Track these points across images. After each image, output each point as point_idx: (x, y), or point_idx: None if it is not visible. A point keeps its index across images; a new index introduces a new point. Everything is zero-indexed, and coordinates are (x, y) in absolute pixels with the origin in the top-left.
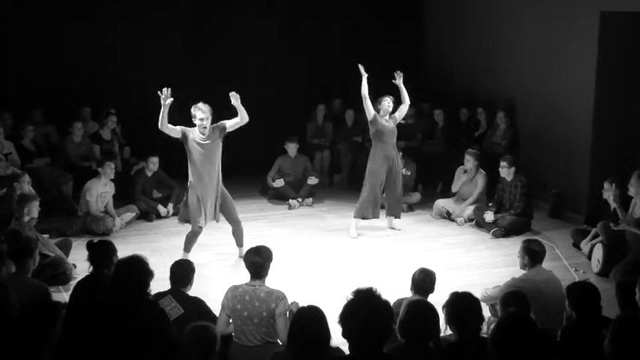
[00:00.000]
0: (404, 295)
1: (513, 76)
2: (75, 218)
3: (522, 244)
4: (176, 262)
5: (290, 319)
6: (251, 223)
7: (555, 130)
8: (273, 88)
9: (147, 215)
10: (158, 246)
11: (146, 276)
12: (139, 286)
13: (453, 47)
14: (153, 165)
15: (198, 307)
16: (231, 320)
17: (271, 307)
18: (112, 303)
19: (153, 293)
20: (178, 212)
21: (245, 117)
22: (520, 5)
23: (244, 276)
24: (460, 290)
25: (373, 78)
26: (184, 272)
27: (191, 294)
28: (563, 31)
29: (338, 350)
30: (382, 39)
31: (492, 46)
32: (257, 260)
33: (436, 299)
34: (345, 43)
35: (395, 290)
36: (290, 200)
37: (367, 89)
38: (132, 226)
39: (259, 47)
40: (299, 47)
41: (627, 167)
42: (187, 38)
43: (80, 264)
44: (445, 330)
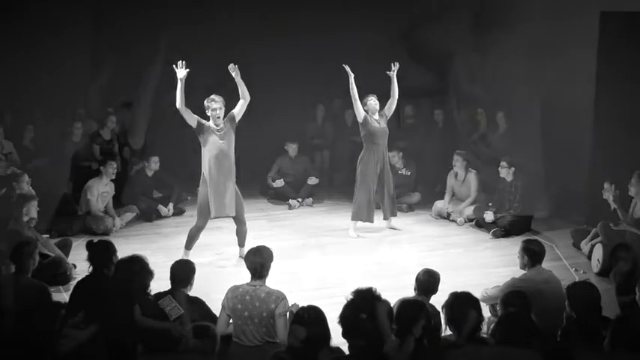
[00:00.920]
0: (404, 295)
1: (513, 76)
2: (75, 218)
3: (522, 244)
4: (176, 262)
5: (290, 320)
6: (251, 223)
7: (555, 130)
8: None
9: (147, 215)
10: (158, 246)
11: (146, 276)
12: (139, 286)
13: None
14: (154, 164)
15: (198, 307)
16: (231, 320)
17: (271, 308)
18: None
19: (153, 293)
20: (179, 212)
21: (247, 94)
22: (520, 5)
23: (245, 276)
24: (460, 290)
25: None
26: (184, 272)
27: (191, 294)
28: (563, 31)
29: (338, 350)
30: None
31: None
32: (258, 260)
33: (436, 299)
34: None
35: (395, 290)
36: (290, 200)
37: (356, 89)
38: (132, 226)
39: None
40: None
41: (627, 167)
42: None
43: (80, 264)
44: (445, 330)
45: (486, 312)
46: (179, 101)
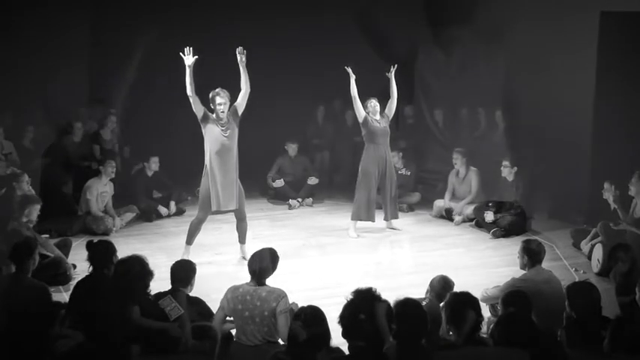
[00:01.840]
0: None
1: (513, 76)
2: (75, 218)
3: (522, 244)
4: (176, 262)
5: (291, 318)
6: (251, 223)
7: (555, 130)
8: (273, 88)
9: (147, 215)
10: (158, 246)
11: (146, 276)
12: (139, 286)
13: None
14: (155, 164)
15: (198, 308)
16: (228, 319)
17: (272, 306)
18: (112, 302)
19: (153, 293)
20: (179, 212)
21: (248, 84)
22: (520, 5)
23: (245, 276)
24: (460, 290)
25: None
26: (185, 272)
27: (191, 294)
28: (563, 31)
29: (338, 350)
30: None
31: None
32: (263, 266)
33: None
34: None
35: (395, 290)
36: (290, 200)
37: (356, 90)
38: (132, 226)
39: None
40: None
41: (627, 167)
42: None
43: (80, 264)
44: (445, 330)
45: (486, 312)
46: (189, 88)
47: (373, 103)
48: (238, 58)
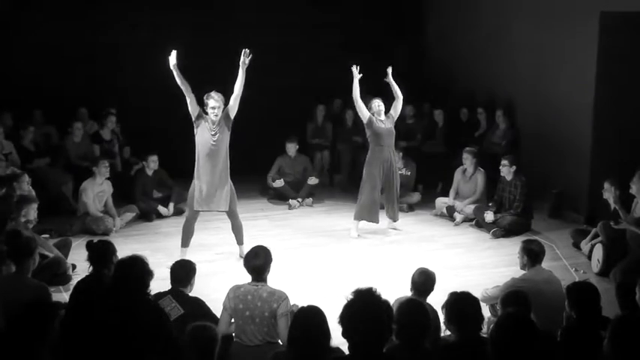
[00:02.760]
0: (405, 296)
1: (513, 76)
2: (75, 218)
3: (522, 244)
4: (176, 262)
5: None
6: (251, 223)
7: (555, 130)
8: (273, 88)
9: (147, 215)
10: (158, 246)
11: (146, 276)
12: (139, 286)
13: (454, 47)
14: (153, 164)
15: (198, 307)
16: (232, 320)
17: (273, 307)
18: (112, 303)
19: (153, 293)
20: (179, 212)
21: (242, 87)
22: (520, 5)
23: (245, 276)
24: (460, 290)
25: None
26: (185, 272)
27: (191, 294)
28: (563, 31)
29: (338, 350)
30: (383, 38)
31: (493, 46)
32: (258, 263)
33: (436, 299)
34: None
35: (395, 290)
36: (290, 200)
37: (358, 92)
38: (132, 226)
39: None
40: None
41: (628, 167)
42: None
43: (80, 264)
44: (445, 330)
45: (486, 312)
46: (183, 88)
47: (378, 103)
48: (241, 59)
